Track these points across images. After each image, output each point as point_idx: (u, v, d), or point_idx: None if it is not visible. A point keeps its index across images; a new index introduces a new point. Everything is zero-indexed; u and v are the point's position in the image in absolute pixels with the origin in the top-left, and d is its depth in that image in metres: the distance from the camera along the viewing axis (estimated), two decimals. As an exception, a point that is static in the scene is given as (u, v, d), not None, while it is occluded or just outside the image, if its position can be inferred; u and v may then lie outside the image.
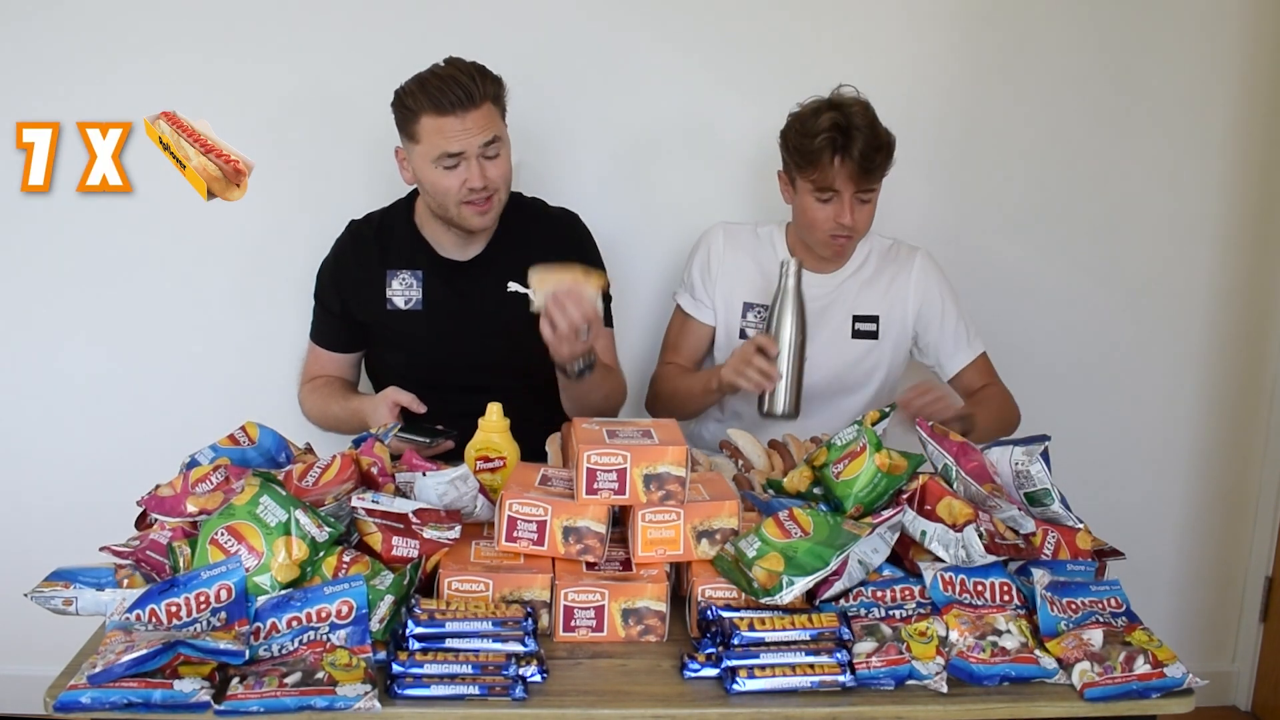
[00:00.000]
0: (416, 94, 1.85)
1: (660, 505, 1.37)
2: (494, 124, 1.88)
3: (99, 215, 2.28)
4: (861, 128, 1.89)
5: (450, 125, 1.84)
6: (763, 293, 2.08)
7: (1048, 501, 1.45)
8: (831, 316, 2.07)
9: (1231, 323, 2.57)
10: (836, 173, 1.90)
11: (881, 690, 1.24)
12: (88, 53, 2.24)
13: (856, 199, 1.94)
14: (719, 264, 2.11)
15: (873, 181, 1.94)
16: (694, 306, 2.15)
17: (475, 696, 1.19)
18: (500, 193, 1.92)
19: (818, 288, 2.06)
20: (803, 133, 1.93)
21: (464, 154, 1.85)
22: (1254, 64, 2.43)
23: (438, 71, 1.86)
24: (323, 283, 2.06)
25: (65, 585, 1.28)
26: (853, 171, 1.90)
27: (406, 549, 1.34)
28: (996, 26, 2.39)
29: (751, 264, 2.11)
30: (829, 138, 1.88)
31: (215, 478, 1.42)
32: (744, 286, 2.10)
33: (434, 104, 1.83)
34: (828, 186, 1.92)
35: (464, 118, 1.83)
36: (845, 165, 1.89)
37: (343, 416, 1.98)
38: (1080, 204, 2.47)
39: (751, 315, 2.09)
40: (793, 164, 1.97)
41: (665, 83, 2.35)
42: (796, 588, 1.29)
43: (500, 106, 1.90)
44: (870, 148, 1.89)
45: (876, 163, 1.91)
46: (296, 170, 2.31)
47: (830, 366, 2.05)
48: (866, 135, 1.88)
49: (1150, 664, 1.25)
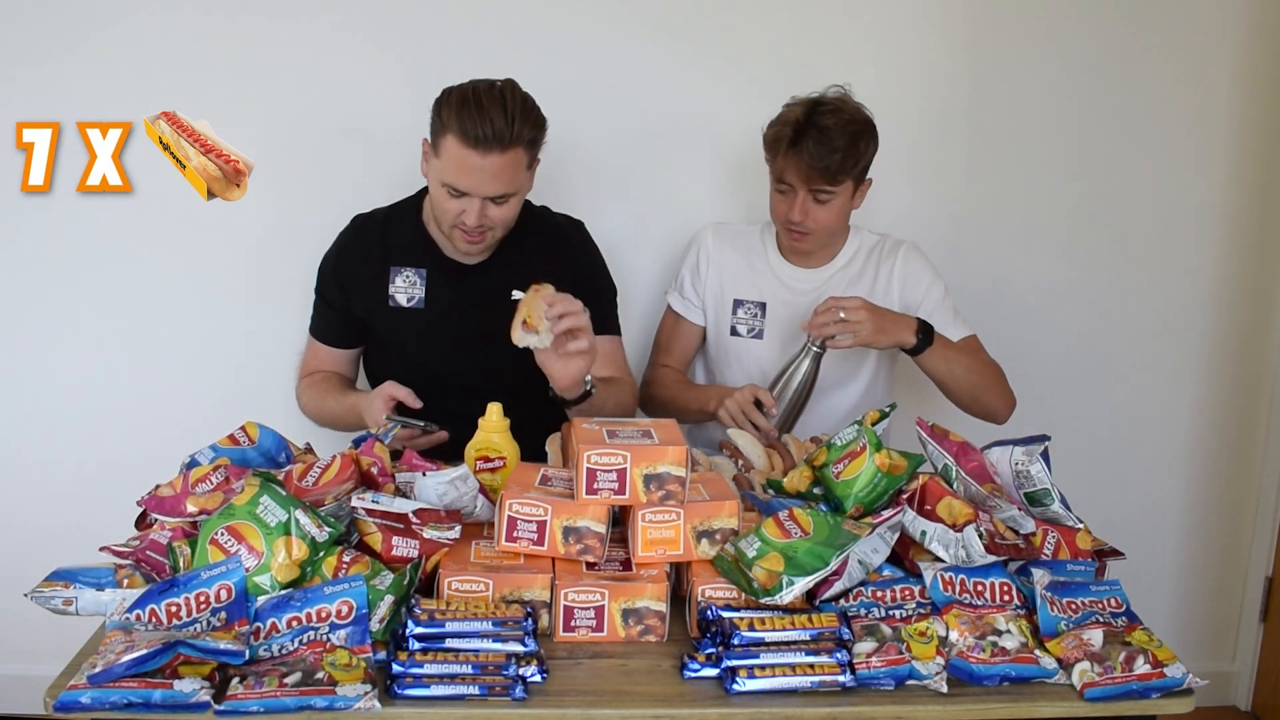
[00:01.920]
0: (452, 110, 1.77)
1: (660, 505, 1.37)
2: (512, 175, 1.81)
3: (99, 215, 2.28)
4: (825, 128, 1.90)
5: (470, 160, 1.77)
6: (752, 290, 2.12)
7: (1048, 501, 1.45)
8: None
9: (1232, 323, 2.57)
10: (786, 166, 1.94)
11: (881, 690, 1.24)
12: (88, 53, 2.24)
13: (811, 197, 1.96)
14: (707, 263, 2.15)
15: (826, 183, 1.94)
16: (683, 306, 2.18)
17: (475, 696, 1.19)
18: (496, 231, 1.90)
19: (807, 284, 2.10)
20: (774, 122, 1.98)
21: (469, 194, 1.82)
22: (1254, 64, 2.43)
23: (481, 96, 1.77)
24: (324, 277, 2.05)
25: (65, 585, 1.28)
26: (802, 170, 1.92)
27: (406, 549, 1.34)
28: (996, 27, 2.38)
29: (741, 260, 2.14)
30: (781, 132, 1.93)
31: (215, 478, 1.42)
32: (733, 283, 2.13)
33: (462, 130, 1.76)
34: (781, 179, 1.97)
35: (486, 157, 1.77)
36: (792, 160, 1.92)
37: (338, 412, 1.97)
38: (1080, 205, 2.47)
39: (741, 312, 2.12)
40: (766, 151, 2.00)
41: (665, 86, 2.35)
42: (796, 588, 1.29)
43: (533, 151, 1.84)
44: (824, 149, 1.89)
45: (830, 165, 1.91)
46: (297, 170, 2.30)
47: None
48: (820, 137, 1.90)
49: (1150, 664, 1.25)
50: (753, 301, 2.11)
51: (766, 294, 2.12)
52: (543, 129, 1.84)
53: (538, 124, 1.83)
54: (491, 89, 1.79)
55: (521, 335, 1.70)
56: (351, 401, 1.93)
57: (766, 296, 2.12)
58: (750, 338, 2.13)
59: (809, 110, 1.93)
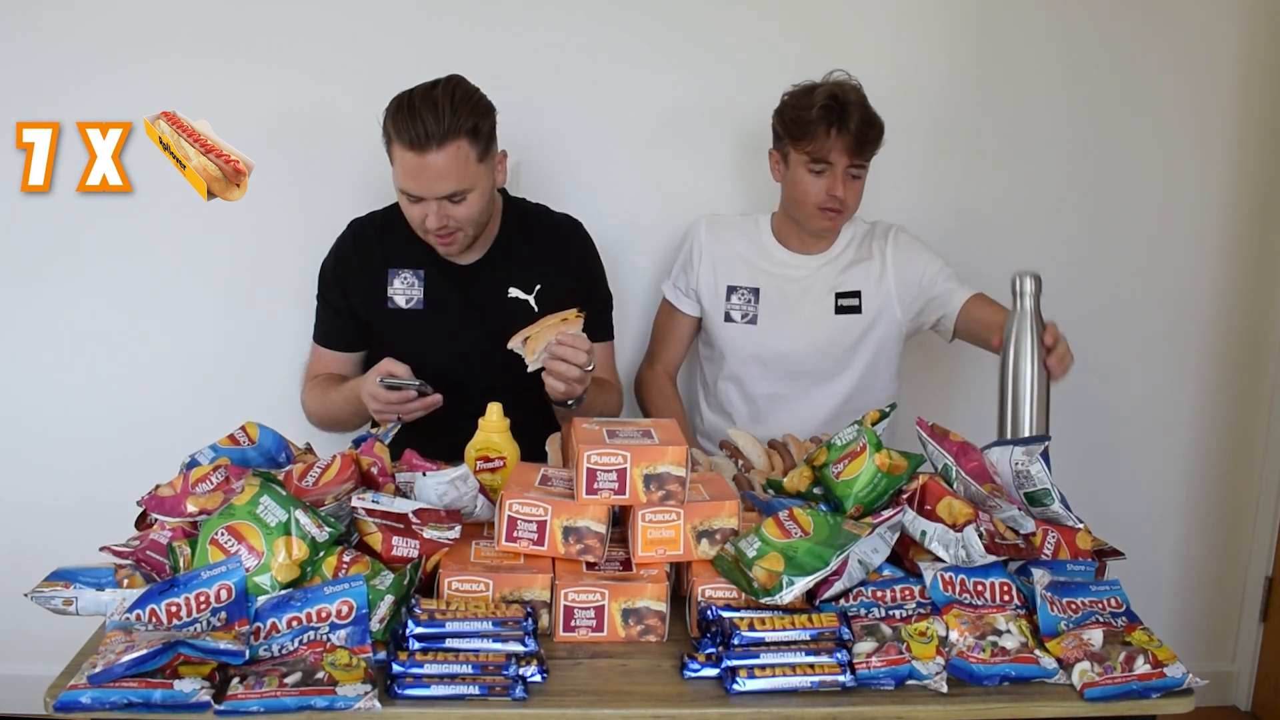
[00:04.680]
0: (391, 118, 1.80)
1: (660, 505, 1.37)
2: (460, 170, 1.79)
3: (99, 215, 2.28)
4: (855, 103, 1.97)
5: (413, 162, 1.78)
6: (746, 276, 2.15)
7: (1048, 501, 1.45)
8: (814, 295, 2.11)
9: (1232, 323, 2.57)
10: (832, 144, 1.96)
11: (881, 690, 1.24)
12: (88, 53, 2.24)
13: (848, 173, 1.99)
14: (700, 252, 2.17)
15: (864, 156, 2.00)
16: (677, 297, 2.21)
17: (475, 696, 1.19)
18: (465, 230, 1.89)
19: (801, 269, 2.13)
20: (799, 106, 1.99)
21: (424, 197, 1.82)
22: (1255, 64, 2.43)
23: (414, 99, 1.78)
24: (326, 280, 2.05)
25: (65, 585, 1.28)
26: (848, 143, 1.96)
27: (406, 549, 1.34)
28: (995, 25, 2.39)
29: (734, 248, 2.16)
30: (825, 108, 1.95)
31: (215, 478, 1.42)
32: (726, 269, 2.16)
33: (399, 135, 1.78)
34: (822, 158, 1.98)
35: (426, 156, 1.77)
36: (841, 137, 1.95)
37: (339, 402, 1.95)
38: (1080, 205, 2.47)
39: (735, 298, 2.15)
40: (788, 137, 2.01)
41: (662, 84, 2.35)
42: (796, 588, 1.29)
43: (479, 141, 1.81)
44: (864, 122, 1.96)
45: (870, 137, 1.98)
46: (296, 171, 2.30)
47: (814, 343, 2.10)
48: (860, 110, 1.96)
49: (1150, 664, 1.25)
50: (746, 287, 2.14)
51: (760, 279, 2.14)
52: (486, 116, 1.82)
53: (476, 112, 1.79)
54: (428, 89, 1.79)
55: (518, 345, 1.74)
56: (350, 386, 1.92)
57: (760, 282, 2.14)
58: (744, 323, 2.14)
59: (837, 87, 1.98)
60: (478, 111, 1.80)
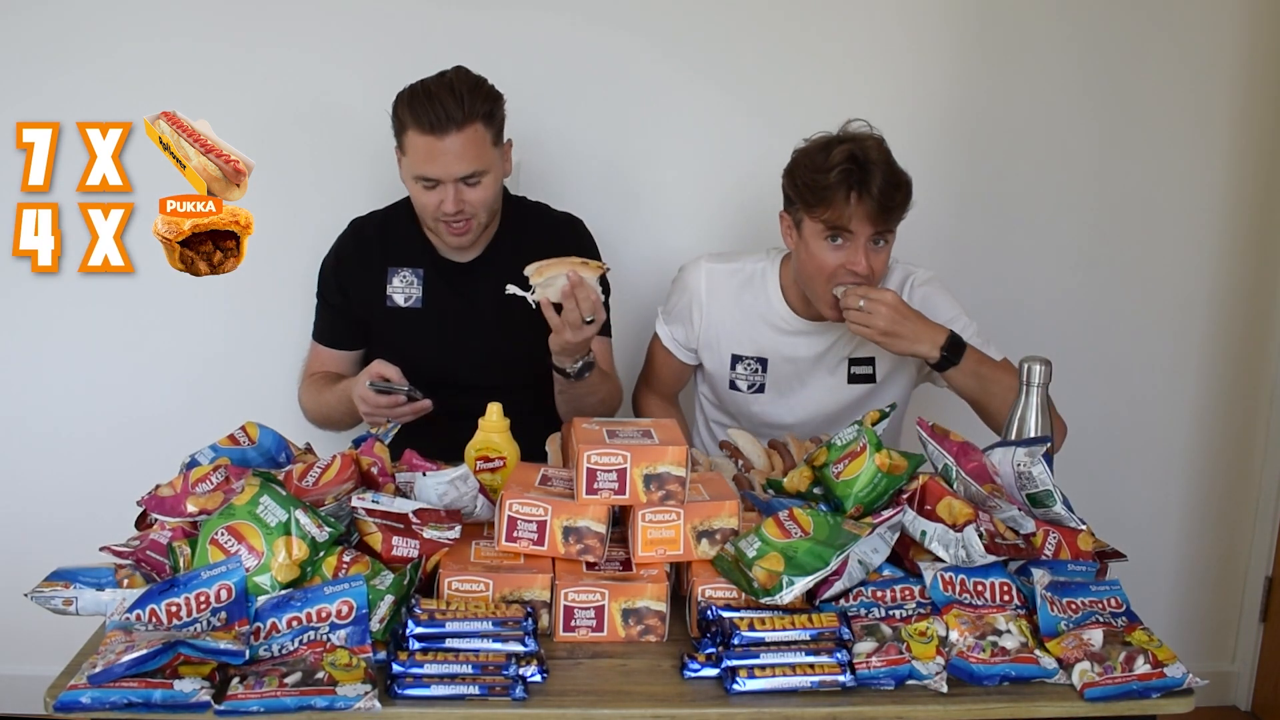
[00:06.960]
0: (405, 106, 1.84)
1: (660, 505, 1.37)
2: (477, 152, 1.84)
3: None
4: (878, 163, 1.73)
5: (431, 146, 1.82)
6: (750, 344, 1.98)
7: (1050, 503, 1.45)
8: (827, 365, 1.98)
9: (1232, 323, 2.57)
10: (852, 212, 1.74)
11: (881, 690, 1.24)
12: (88, 53, 2.24)
13: (871, 243, 1.78)
14: (699, 311, 1.99)
15: (890, 223, 1.78)
16: (675, 346, 2.05)
17: (475, 696, 1.19)
18: (479, 217, 1.91)
19: (813, 339, 1.96)
20: (814, 168, 1.76)
21: (441, 180, 1.85)
22: (1255, 64, 2.43)
23: (429, 86, 1.83)
24: (325, 279, 2.05)
25: (65, 585, 1.28)
26: (870, 210, 1.74)
27: (406, 549, 1.34)
28: (996, 29, 2.38)
29: (737, 311, 1.98)
30: (845, 171, 1.72)
31: (215, 478, 1.42)
32: (730, 337, 1.99)
33: (417, 121, 1.81)
34: (841, 227, 1.76)
35: (444, 139, 1.81)
36: (863, 203, 1.73)
37: (333, 401, 1.96)
38: (1080, 206, 2.47)
39: (740, 367, 1.99)
40: (801, 203, 1.79)
41: (664, 89, 2.35)
42: (796, 588, 1.29)
43: (493, 126, 1.86)
44: (889, 184, 1.73)
45: (896, 202, 1.75)
46: (297, 171, 2.30)
47: (825, 412, 1.98)
48: (884, 171, 1.73)
49: (1150, 664, 1.25)
50: (752, 357, 1.98)
51: (766, 349, 1.98)
52: (498, 102, 1.87)
53: (490, 98, 1.86)
54: (440, 77, 1.85)
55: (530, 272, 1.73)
56: (343, 386, 1.93)
57: (767, 351, 1.98)
58: (751, 393, 2.00)
59: (856, 146, 1.75)
60: (491, 97, 1.86)
